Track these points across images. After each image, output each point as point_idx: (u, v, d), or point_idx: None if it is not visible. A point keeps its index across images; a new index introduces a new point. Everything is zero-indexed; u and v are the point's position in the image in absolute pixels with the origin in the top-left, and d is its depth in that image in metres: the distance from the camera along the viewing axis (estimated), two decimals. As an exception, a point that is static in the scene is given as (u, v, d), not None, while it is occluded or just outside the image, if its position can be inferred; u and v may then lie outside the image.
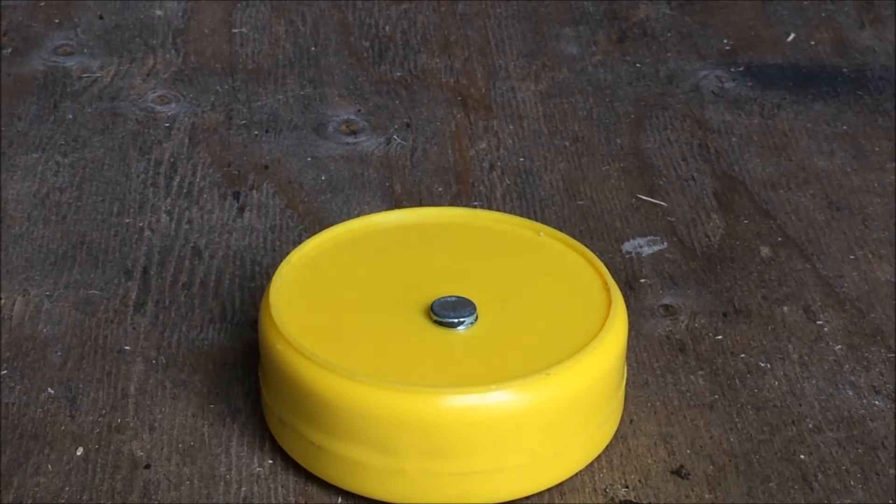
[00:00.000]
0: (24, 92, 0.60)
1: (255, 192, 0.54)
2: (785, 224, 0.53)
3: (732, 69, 0.63)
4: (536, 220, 0.51)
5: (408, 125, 0.59)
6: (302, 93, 0.61)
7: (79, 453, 0.42)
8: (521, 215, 0.51)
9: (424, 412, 0.38)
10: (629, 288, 0.49)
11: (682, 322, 0.48)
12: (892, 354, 0.47)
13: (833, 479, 0.42)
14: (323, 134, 0.58)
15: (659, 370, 0.46)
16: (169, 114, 0.59)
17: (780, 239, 0.52)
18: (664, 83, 0.62)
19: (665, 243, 0.52)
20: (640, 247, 0.52)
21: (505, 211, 0.52)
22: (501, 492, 0.40)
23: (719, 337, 0.47)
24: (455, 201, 0.54)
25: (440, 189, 0.55)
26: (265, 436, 0.43)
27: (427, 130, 0.59)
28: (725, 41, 0.65)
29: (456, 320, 0.41)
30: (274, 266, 0.49)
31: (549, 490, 0.41)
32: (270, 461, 0.42)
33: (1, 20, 0.66)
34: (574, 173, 0.56)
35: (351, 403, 0.39)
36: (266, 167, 0.56)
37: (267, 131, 0.58)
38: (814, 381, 0.45)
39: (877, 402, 0.45)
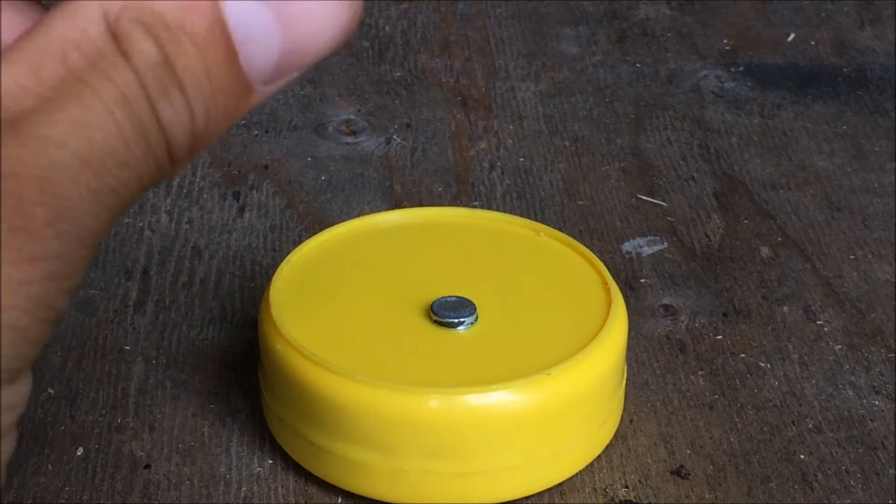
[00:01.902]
0: (24, 92, 0.60)
1: (255, 192, 0.54)
2: (785, 224, 0.53)
3: (732, 69, 0.63)
4: (536, 220, 0.51)
5: (408, 125, 0.59)
6: (302, 93, 0.61)
7: (79, 453, 0.42)
8: (521, 215, 0.51)
9: (424, 412, 0.38)
10: (629, 288, 0.49)
11: (682, 322, 0.48)
12: (892, 354, 0.47)
13: (833, 479, 0.42)
14: (323, 134, 0.58)
15: (659, 370, 0.46)
16: (169, 114, 0.59)
17: (780, 239, 0.52)
18: (664, 83, 0.62)
19: (665, 243, 0.52)
20: (640, 247, 0.52)
21: (505, 211, 0.52)
22: (501, 492, 0.40)
23: (719, 337, 0.47)
24: (455, 201, 0.54)
25: (440, 189, 0.55)
26: (265, 436, 0.43)
27: (427, 130, 0.59)
28: (725, 41, 0.65)
29: (456, 320, 0.41)
30: (274, 266, 0.49)
31: (549, 490, 0.41)
32: (270, 461, 0.42)
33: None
34: (574, 173, 0.56)
35: (351, 403, 0.39)
36: (266, 167, 0.56)
37: (267, 131, 0.58)
38: (814, 381, 0.45)
39: (877, 402, 0.45)
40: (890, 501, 0.41)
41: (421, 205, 0.54)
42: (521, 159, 0.57)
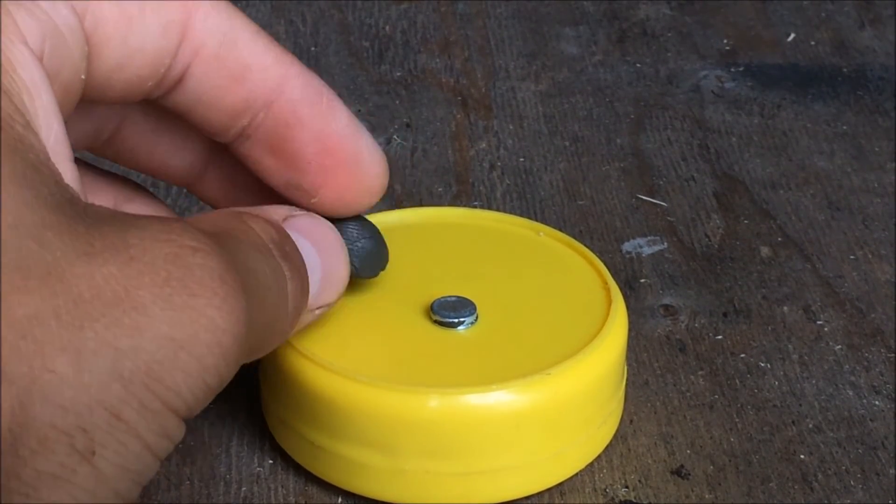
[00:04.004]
0: (24, 92, 0.60)
1: (255, 192, 0.54)
2: (785, 224, 0.53)
3: (732, 69, 0.63)
4: (536, 220, 0.51)
5: (408, 125, 0.59)
6: (302, 93, 0.61)
7: (79, 453, 0.42)
8: (521, 215, 0.51)
9: (424, 412, 0.38)
10: (629, 288, 0.49)
11: (682, 322, 0.48)
12: (892, 354, 0.47)
13: (833, 479, 0.42)
14: (323, 134, 0.58)
15: (659, 370, 0.46)
16: (169, 114, 0.59)
17: (780, 239, 0.52)
18: (664, 83, 0.62)
19: (665, 243, 0.52)
20: (640, 247, 0.52)
21: (505, 211, 0.53)
22: (501, 492, 0.40)
23: (719, 337, 0.47)
24: (455, 201, 0.54)
25: (440, 189, 0.55)
26: (265, 436, 0.43)
27: (427, 130, 0.59)
28: (725, 41, 0.65)
29: (456, 320, 0.41)
30: (274, 266, 0.49)
31: (549, 490, 0.41)
32: (270, 461, 0.42)
33: (1, 20, 0.65)
34: (574, 173, 0.56)
35: (351, 403, 0.39)
36: (266, 167, 0.56)
37: (267, 131, 0.58)
38: (814, 381, 0.45)
39: (877, 402, 0.45)
40: (890, 501, 0.41)
41: (421, 205, 0.54)
42: (521, 159, 0.57)
